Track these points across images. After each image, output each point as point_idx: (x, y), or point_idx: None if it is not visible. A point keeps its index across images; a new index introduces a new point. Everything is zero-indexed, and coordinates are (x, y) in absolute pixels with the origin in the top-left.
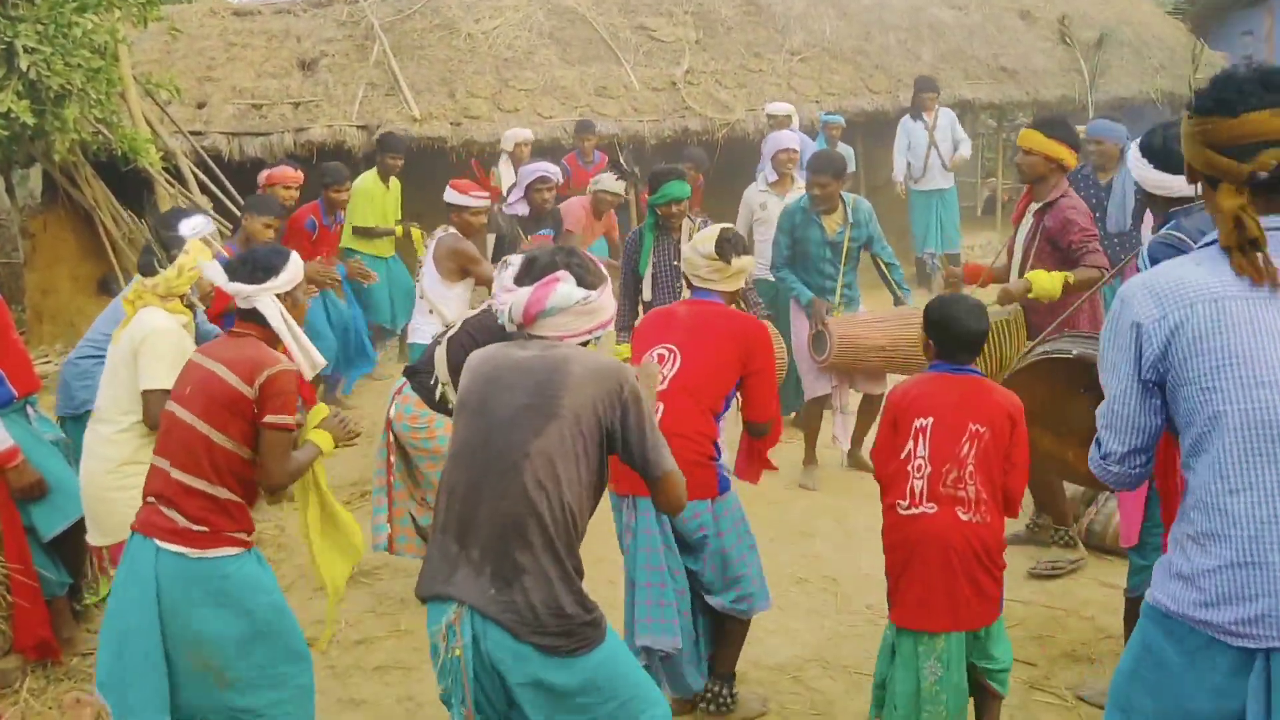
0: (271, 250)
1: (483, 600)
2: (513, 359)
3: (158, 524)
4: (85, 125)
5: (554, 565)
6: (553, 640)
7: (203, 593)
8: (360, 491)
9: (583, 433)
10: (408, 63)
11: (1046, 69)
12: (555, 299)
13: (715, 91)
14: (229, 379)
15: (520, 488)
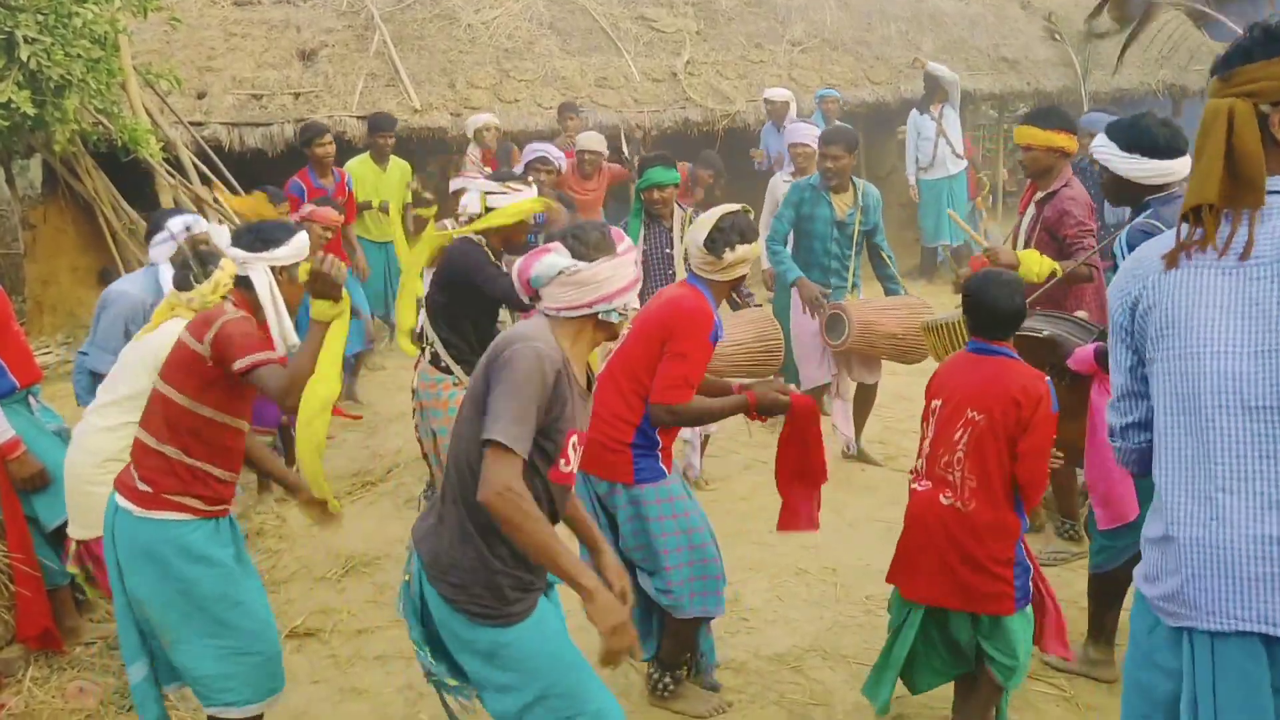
0: (279, 224)
1: (419, 539)
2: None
3: (123, 479)
4: (85, 116)
5: (457, 525)
6: (449, 590)
7: (140, 551)
8: (362, 482)
9: (472, 397)
10: (408, 53)
11: (1048, 59)
12: (538, 268)
13: (716, 82)
14: (185, 339)
15: (456, 447)
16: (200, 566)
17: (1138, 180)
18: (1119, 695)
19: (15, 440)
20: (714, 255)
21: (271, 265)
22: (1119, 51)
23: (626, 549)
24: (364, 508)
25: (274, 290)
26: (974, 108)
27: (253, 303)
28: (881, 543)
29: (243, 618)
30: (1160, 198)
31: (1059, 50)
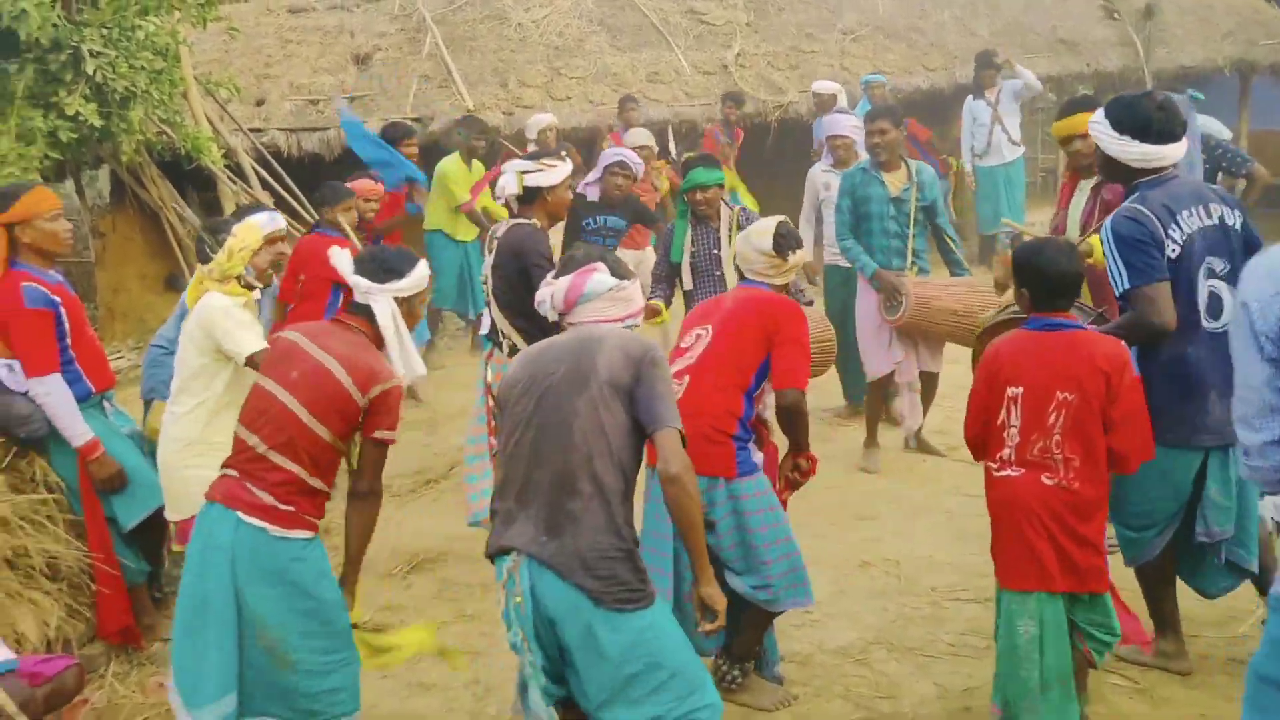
0: (401, 254)
1: (535, 547)
2: (554, 344)
3: (241, 497)
4: (150, 126)
5: (602, 511)
6: (597, 584)
7: (275, 570)
8: (424, 479)
9: (615, 388)
10: (460, 54)
11: (1106, 39)
12: (592, 284)
13: (767, 74)
14: (343, 380)
15: (570, 441)
16: (326, 581)
17: (1126, 162)
18: (1193, 687)
19: (95, 441)
20: (780, 257)
21: (396, 296)
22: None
23: (719, 548)
24: (427, 505)
25: (397, 319)
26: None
27: (374, 333)
28: (944, 533)
29: (346, 625)
30: (1148, 181)
31: (1118, 29)
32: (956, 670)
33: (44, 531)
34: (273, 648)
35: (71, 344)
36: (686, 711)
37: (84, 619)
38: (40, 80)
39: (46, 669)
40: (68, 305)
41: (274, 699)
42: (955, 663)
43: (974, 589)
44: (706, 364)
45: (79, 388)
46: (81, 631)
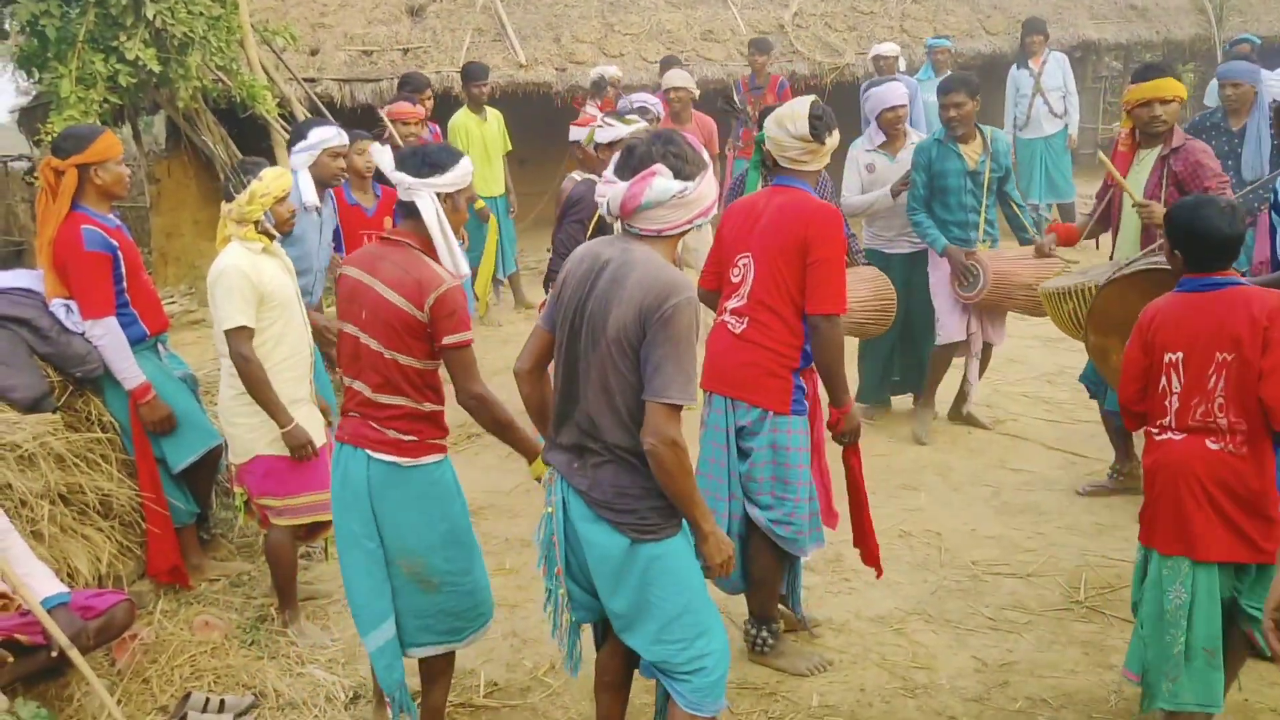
0: (443, 148)
1: (567, 470)
2: (597, 264)
3: (367, 435)
4: (206, 73)
5: (616, 464)
6: (615, 516)
7: (412, 498)
8: (467, 434)
9: (621, 347)
10: (514, 8)
11: (1178, 6)
12: (651, 194)
13: (824, 34)
14: (400, 304)
15: (586, 394)
16: (460, 501)
17: None
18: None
19: (146, 385)
20: (817, 140)
21: (438, 192)
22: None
23: (749, 479)
24: (469, 459)
25: (441, 218)
26: (1097, 59)
27: (419, 231)
28: (987, 507)
29: (477, 556)
30: None
31: None
32: (995, 644)
33: (98, 470)
34: (417, 572)
35: (127, 287)
36: (693, 656)
37: (134, 556)
38: (102, 24)
39: (98, 603)
40: (125, 249)
41: (425, 628)
42: (994, 636)
43: (1015, 564)
44: (758, 296)
45: (134, 330)
46: (131, 569)
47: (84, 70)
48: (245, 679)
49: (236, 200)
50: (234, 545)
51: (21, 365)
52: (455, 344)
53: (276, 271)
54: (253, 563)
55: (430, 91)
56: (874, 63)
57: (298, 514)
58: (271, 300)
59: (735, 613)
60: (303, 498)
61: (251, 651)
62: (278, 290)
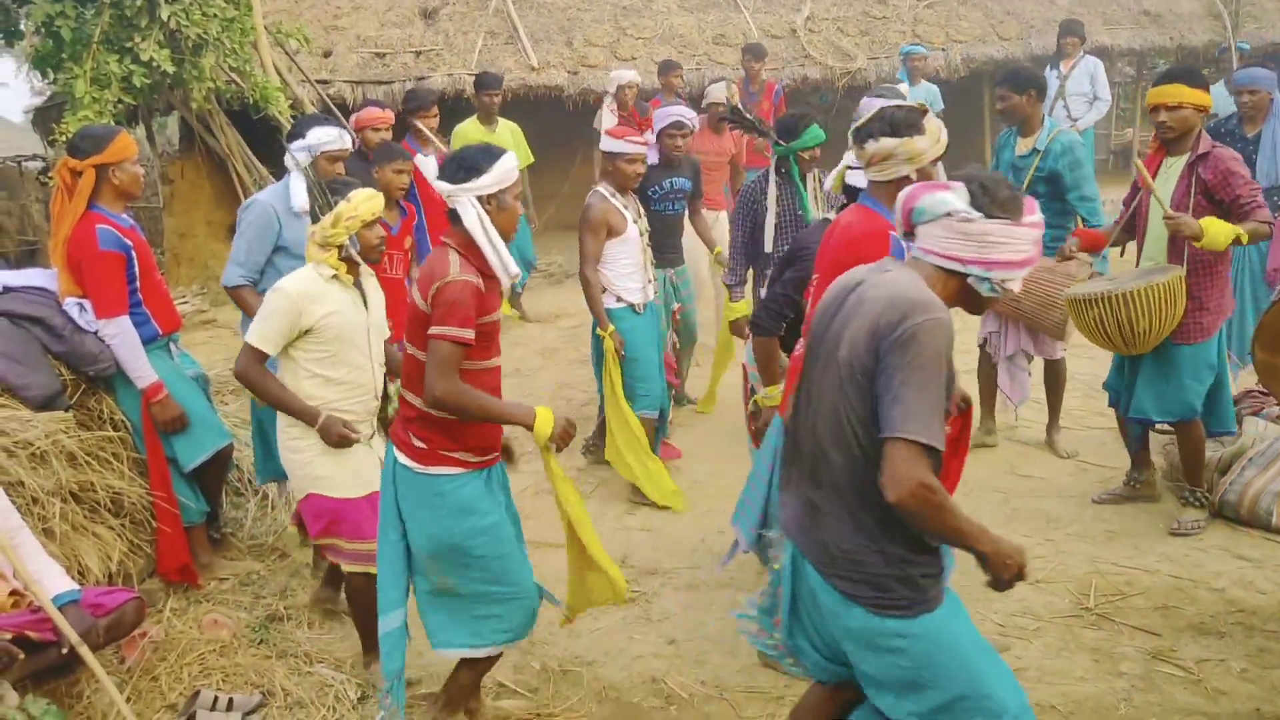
0: (483, 149)
1: (795, 529)
2: (862, 282)
3: (397, 434)
4: (220, 74)
5: (842, 510)
6: (850, 586)
7: (422, 504)
8: None
9: (853, 372)
10: (526, 11)
11: (1193, 12)
12: (926, 201)
13: (837, 39)
14: (415, 297)
15: (815, 425)
16: (472, 520)
17: None
18: (1250, 681)
19: (159, 384)
20: (857, 143)
21: (478, 195)
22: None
23: None
24: None
25: (484, 221)
26: (1110, 64)
27: (468, 241)
28: (997, 513)
29: (514, 572)
30: None
31: (1205, 2)
32: (1005, 651)
33: (109, 468)
34: (431, 572)
35: (140, 287)
36: None
37: (145, 555)
38: (117, 25)
39: (108, 601)
40: (138, 249)
41: (449, 625)
42: (1004, 643)
43: None
44: None
45: (146, 330)
46: (142, 567)
47: (98, 71)
48: (254, 678)
49: (320, 223)
50: (244, 544)
51: (35, 363)
52: (435, 335)
53: (341, 305)
54: (262, 562)
55: (436, 109)
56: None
57: (358, 560)
58: (323, 335)
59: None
60: (363, 544)
61: (260, 650)
62: (335, 325)
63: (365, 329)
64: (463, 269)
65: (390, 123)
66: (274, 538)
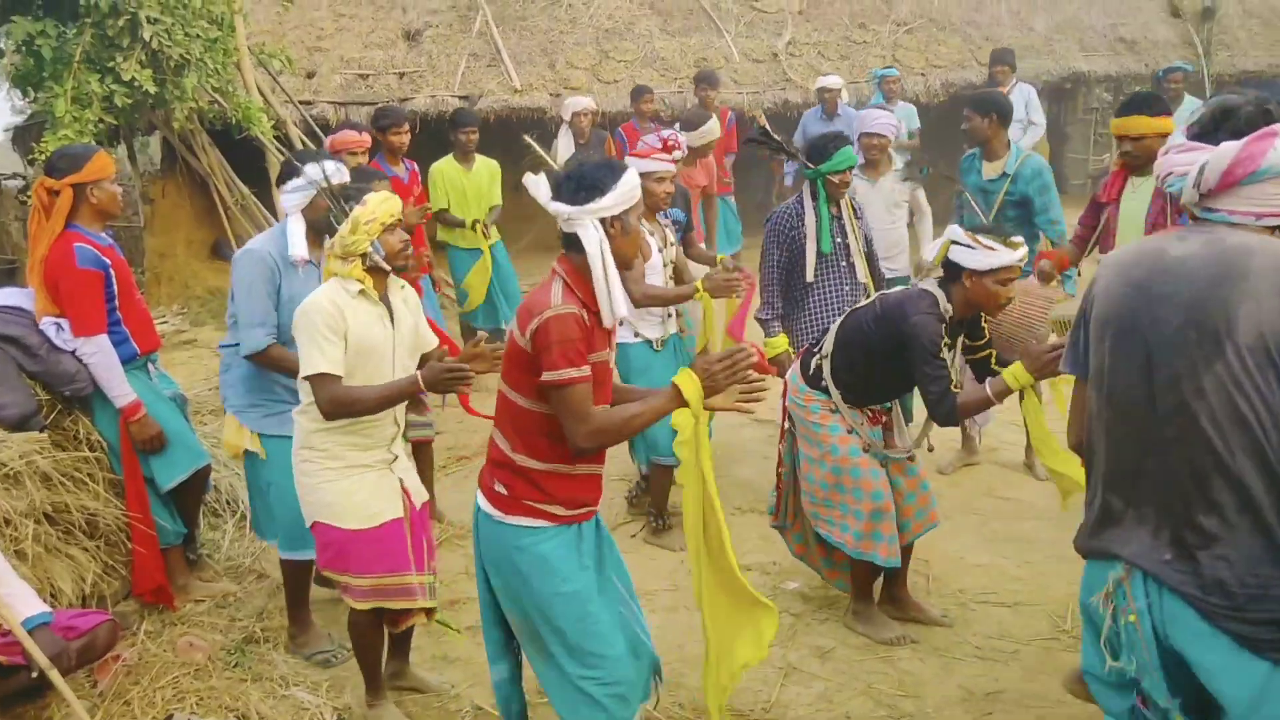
0: (604, 164)
1: (1155, 565)
2: (1166, 260)
3: (482, 478)
4: (202, 94)
5: (1256, 533)
6: (1255, 630)
7: (501, 556)
8: (456, 456)
9: (1271, 353)
10: (509, 33)
11: (1167, 40)
12: (1271, 158)
13: (817, 63)
14: (514, 329)
15: (1196, 434)
16: (553, 581)
17: None
18: None
19: (137, 403)
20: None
21: (600, 217)
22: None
23: None
24: (458, 481)
25: (604, 249)
26: (1087, 91)
27: (575, 263)
28: (975, 536)
29: (600, 644)
30: None
31: (1180, 29)
32: (983, 673)
33: (84, 489)
34: (523, 632)
35: (119, 306)
36: None
37: (120, 576)
38: (98, 45)
39: (81, 623)
40: (117, 267)
41: (549, 683)
42: (981, 666)
43: (1003, 593)
44: None
45: (125, 349)
46: (116, 589)
47: (79, 90)
48: (228, 701)
49: (338, 234)
50: (220, 566)
51: (10, 383)
52: (551, 381)
53: (368, 321)
54: (239, 584)
55: (408, 126)
56: (819, 95)
57: (368, 596)
58: (354, 353)
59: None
60: (371, 579)
61: (235, 673)
62: (357, 343)
63: (391, 348)
64: (565, 299)
65: (367, 145)
66: (251, 559)
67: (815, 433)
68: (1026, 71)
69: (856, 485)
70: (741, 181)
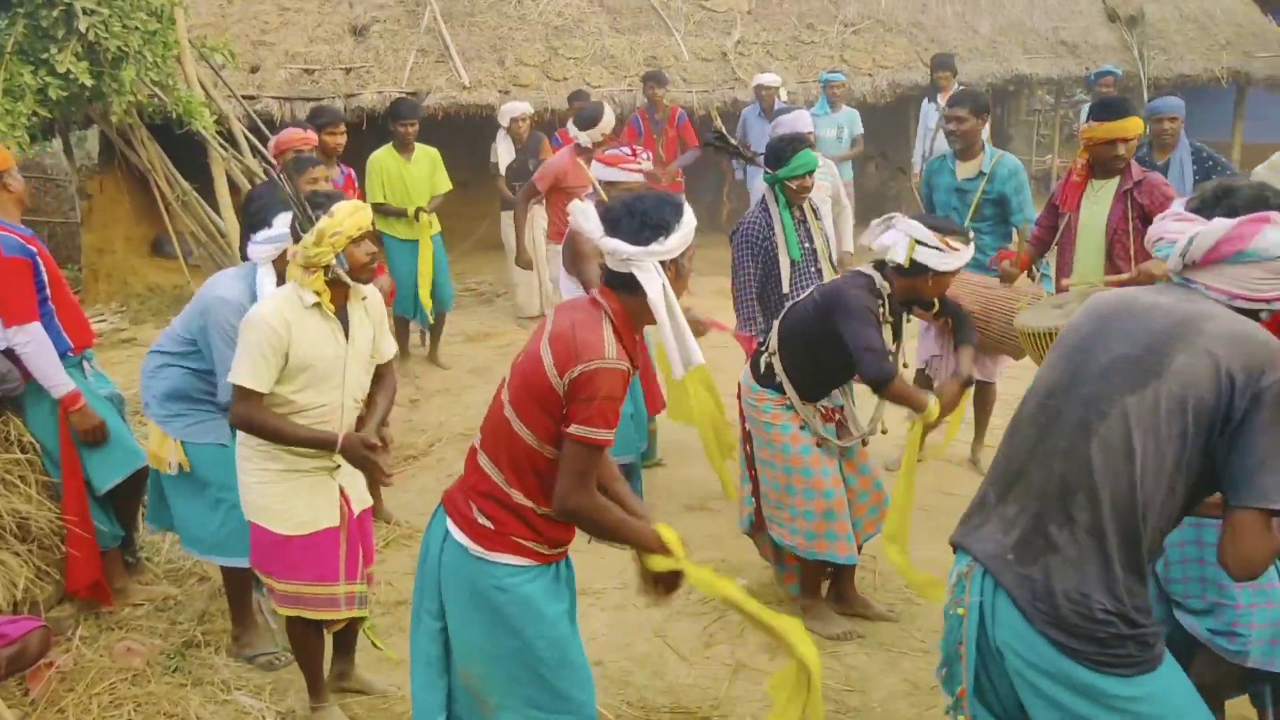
0: (666, 201)
1: (997, 562)
2: (1139, 302)
3: (456, 504)
4: (141, 88)
5: (1095, 554)
6: (1070, 640)
7: (476, 595)
8: (404, 456)
9: (1187, 408)
10: (458, 29)
11: (1108, 44)
12: (1257, 243)
13: (766, 63)
14: (545, 359)
15: (1082, 451)
16: (539, 624)
17: None
18: None
19: (76, 392)
20: None
21: (663, 260)
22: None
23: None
24: (405, 481)
25: (669, 294)
26: (1030, 93)
27: (634, 311)
28: (922, 531)
29: (574, 686)
30: None
31: (1120, 35)
32: (927, 667)
33: (15, 492)
34: (472, 684)
35: (51, 297)
36: None
37: (53, 581)
38: (31, 36)
39: (11, 630)
40: (44, 258)
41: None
42: (926, 659)
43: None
44: None
45: (59, 343)
46: (50, 594)
47: (11, 82)
48: (167, 707)
49: (302, 242)
50: (160, 569)
51: None
52: (577, 436)
53: (318, 337)
54: (179, 586)
55: (344, 126)
56: (756, 93)
57: (289, 602)
58: (291, 367)
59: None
60: (294, 585)
61: (175, 679)
62: (306, 358)
63: (342, 362)
64: (618, 351)
65: (313, 143)
66: (192, 562)
67: (767, 433)
68: (972, 74)
69: (808, 485)
70: (691, 181)
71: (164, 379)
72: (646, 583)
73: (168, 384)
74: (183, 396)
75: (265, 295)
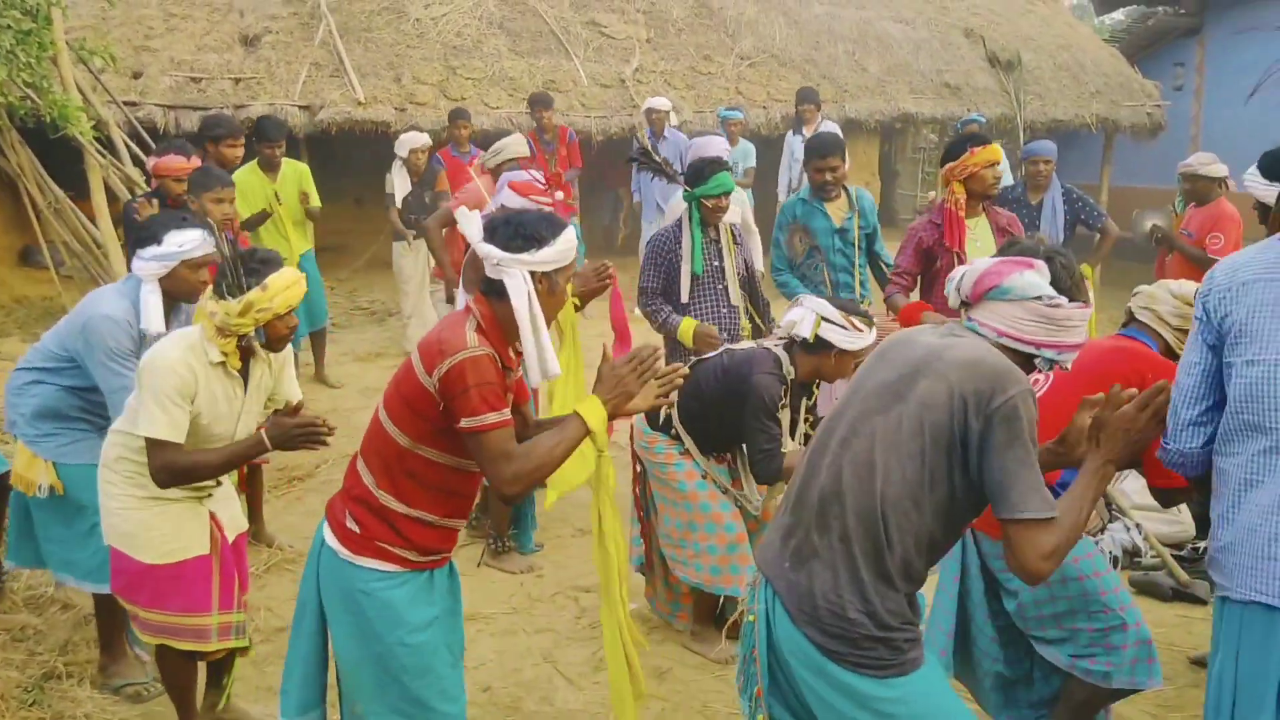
0: (545, 217)
1: (775, 570)
2: (914, 338)
3: (334, 510)
4: (12, 89)
5: (844, 561)
6: (826, 640)
7: (345, 598)
8: (288, 478)
9: (924, 429)
10: (354, 45)
11: (988, 88)
12: (1015, 281)
13: (664, 91)
14: (415, 366)
15: (838, 466)
16: (399, 630)
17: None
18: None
19: None
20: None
21: (532, 270)
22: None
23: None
24: (289, 503)
25: (533, 303)
26: (915, 131)
27: (503, 318)
28: None
29: (435, 696)
30: None
31: (998, 79)
32: None
33: None
34: (346, 690)
35: None
36: None
37: None
38: None
39: None
40: None
41: None
42: None
43: None
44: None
45: None
46: None
47: None
48: None
49: (224, 306)
50: (20, 596)
51: None
52: (470, 429)
53: (216, 394)
54: (40, 615)
55: (243, 138)
56: (647, 116)
57: (154, 632)
58: (192, 416)
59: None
60: (161, 615)
61: (33, 712)
62: (204, 415)
63: (235, 418)
64: (479, 341)
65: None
66: (55, 588)
67: (664, 472)
68: (861, 110)
69: (709, 520)
70: (587, 204)
71: (34, 396)
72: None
73: (38, 401)
74: (55, 415)
75: (153, 317)
